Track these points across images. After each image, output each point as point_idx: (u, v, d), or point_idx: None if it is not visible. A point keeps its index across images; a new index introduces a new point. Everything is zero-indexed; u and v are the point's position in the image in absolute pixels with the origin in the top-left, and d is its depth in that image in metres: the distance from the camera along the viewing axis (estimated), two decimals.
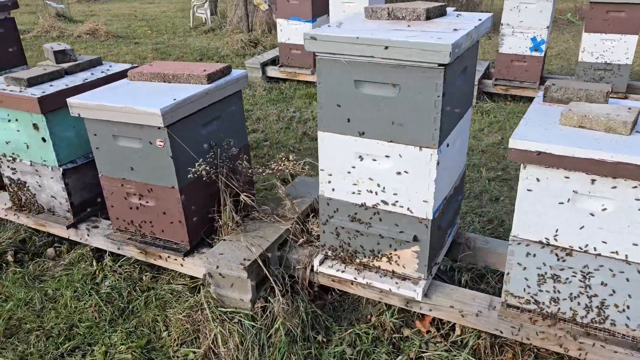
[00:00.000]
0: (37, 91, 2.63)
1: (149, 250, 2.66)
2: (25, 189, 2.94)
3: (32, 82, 2.70)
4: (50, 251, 3.04)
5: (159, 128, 2.32)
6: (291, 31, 6.19)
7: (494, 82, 5.64)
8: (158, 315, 2.53)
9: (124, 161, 2.51)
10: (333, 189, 2.27)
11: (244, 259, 2.36)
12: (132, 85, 2.60)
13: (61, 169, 2.76)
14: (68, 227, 2.87)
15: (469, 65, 2.18)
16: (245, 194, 2.56)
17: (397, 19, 2.19)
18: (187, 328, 2.41)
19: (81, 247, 3.02)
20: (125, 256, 2.81)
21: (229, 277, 2.37)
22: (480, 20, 2.14)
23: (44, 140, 2.70)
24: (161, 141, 2.35)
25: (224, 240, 2.53)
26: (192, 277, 2.72)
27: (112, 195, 2.65)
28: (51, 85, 2.71)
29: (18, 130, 2.76)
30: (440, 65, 1.83)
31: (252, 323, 2.32)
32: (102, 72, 2.94)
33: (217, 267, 2.37)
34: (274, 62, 6.69)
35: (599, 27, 5.05)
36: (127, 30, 10.39)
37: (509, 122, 5.03)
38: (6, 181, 2.99)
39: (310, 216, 2.76)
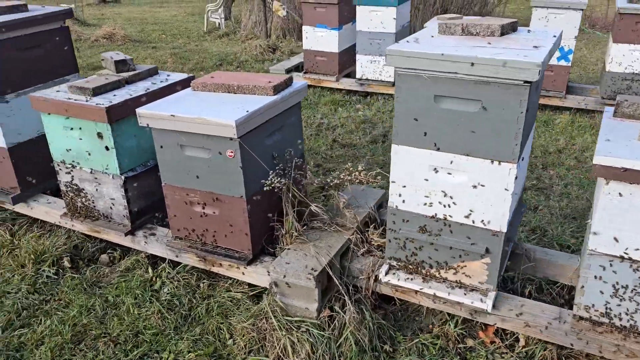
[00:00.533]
0: (103, 101, 2.66)
1: (210, 258, 2.69)
2: (82, 195, 2.97)
3: (97, 91, 2.73)
4: (104, 257, 3.07)
5: (231, 139, 2.35)
6: (317, 38, 6.23)
7: None
8: (221, 323, 2.56)
9: (189, 170, 2.54)
10: (404, 201, 2.30)
11: (312, 269, 2.40)
12: (197, 96, 2.63)
13: (123, 177, 2.78)
14: (126, 234, 2.90)
15: (541, 79, 2.22)
16: (314, 204, 2.60)
17: (471, 34, 2.23)
18: (253, 336, 2.44)
19: (135, 253, 3.04)
20: (181, 264, 2.84)
21: (296, 286, 2.40)
22: (554, 36, 2.18)
23: (107, 148, 2.73)
24: (232, 152, 2.38)
25: (289, 249, 2.56)
26: (250, 285, 2.75)
27: (174, 204, 2.68)
28: (115, 95, 2.74)
29: (80, 139, 2.79)
30: (526, 82, 1.87)
31: (321, 332, 2.35)
32: (162, 81, 2.97)
33: (285, 276, 2.40)
34: (297, 68, 6.73)
35: (627, 38, 5.10)
36: (141, 35, 10.42)
37: (537, 131, 5.06)
38: (63, 188, 3.02)
39: (371, 226, 2.79)
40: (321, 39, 6.23)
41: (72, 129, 2.79)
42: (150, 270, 2.91)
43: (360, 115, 5.48)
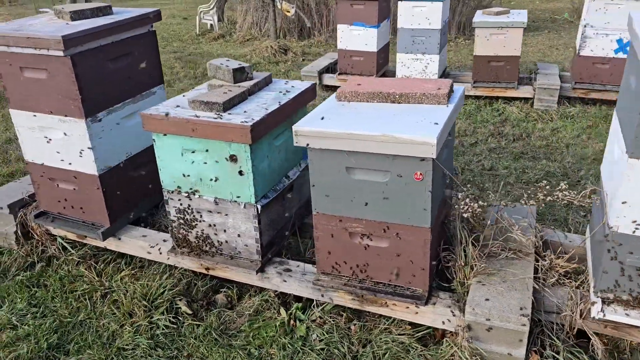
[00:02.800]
0: (240, 117, 2.24)
1: (369, 297, 2.31)
2: (198, 228, 2.53)
3: (227, 106, 2.31)
4: (222, 298, 2.64)
5: (423, 159, 1.97)
6: (353, 37, 5.87)
7: (573, 86, 5.46)
8: None
9: (354, 197, 2.15)
10: (637, 228, 1.97)
11: (521, 308, 2.05)
12: (352, 107, 2.25)
13: (258, 206, 2.37)
14: (257, 272, 2.48)
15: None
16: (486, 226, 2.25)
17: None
18: None
19: (258, 291, 2.62)
20: (314, 302, 2.45)
21: (500, 329, 2.05)
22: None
23: (241, 173, 2.30)
24: (421, 174, 2.01)
25: (475, 283, 2.20)
26: (412, 325, 2.37)
27: (327, 235, 2.28)
28: (246, 111, 2.32)
29: (205, 163, 2.35)
30: None
31: None
32: (287, 90, 2.56)
33: (489, 318, 2.04)
34: (327, 70, 6.35)
35: None
36: None
37: (604, 127, 4.83)
38: (172, 219, 2.57)
39: (548, 251, 2.46)
40: (358, 38, 5.86)
41: (194, 151, 2.35)
42: (282, 311, 2.50)
43: None
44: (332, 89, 6.14)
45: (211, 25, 10.59)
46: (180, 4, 15.02)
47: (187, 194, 2.48)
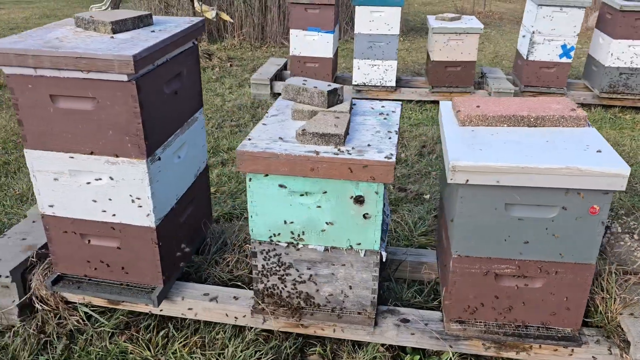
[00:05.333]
0: (370, 152, 1.88)
1: (509, 343, 2.08)
2: (293, 282, 2.12)
3: (345, 138, 1.94)
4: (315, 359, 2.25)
5: (606, 192, 1.79)
6: (307, 42, 5.56)
7: (522, 89, 5.66)
8: None
9: (510, 235, 1.91)
10: None
11: None
12: (487, 134, 1.99)
13: (382, 253, 2.02)
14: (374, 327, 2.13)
15: None
16: None
17: None
18: None
19: (353, 346, 2.27)
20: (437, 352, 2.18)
21: None
22: None
23: (365, 216, 1.94)
24: (597, 207, 1.82)
25: (630, 316, 2.06)
26: None
27: (465, 279, 2.01)
28: (369, 145, 1.96)
29: (319, 207, 1.96)
30: None
31: None
32: (382, 113, 2.23)
33: None
34: (276, 77, 5.97)
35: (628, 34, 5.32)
36: None
37: None
38: (260, 273, 2.12)
39: None
40: (313, 44, 5.57)
41: (303, 194, 1.95)
42: None
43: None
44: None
45: None
46: (51, 2, 13.50)
47: (287, 244, 2.05)
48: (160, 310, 2.30)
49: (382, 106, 2.31)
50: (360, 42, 5.48)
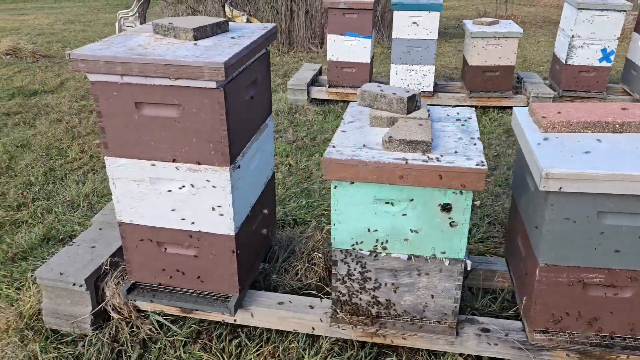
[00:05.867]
0: (459, 159, 1.85)
1: (595, 354, 2.03)
2: (374, 290, 2.09)
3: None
4: None
5: None
6: (345, 48, 5.55)
7: (561, 94, 5.60)
8: None
9: (601, 243, 1.87)
10: None
11: None
12: (572, 140, 1.96)
13: (467, 262, 1.99)
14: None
15: None
16: None
17: None
18: None
19: (429, 356, 2.24)
20: None
21: None
22: None
23: (452, 224, 1.91)
24: None
25: None
26: None
27: (550, 289, 1.98)
28: (456, 151, 1.93)
29: (404, 214, 1.93)
30: None
31: None
32: (458, 119, 2.20)
33: None
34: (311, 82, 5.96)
35: None
36: (42, 48, 8.58)
37: None
38: (340, 281, 2.10)
39: None
40: (350, 49, 5.55)
41: (389, 202, 1.92)
42: None
43: None
44: (321, 102, 5.75)
45: None
46: (74, 8, 13.65)
47: (369, 252, 2.02)
48: (235, 320, 2.28)
49: (457, 113, 2.28)
50: (397, 47, 5.45)
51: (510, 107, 5.56)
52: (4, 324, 2.37)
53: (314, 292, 2.46)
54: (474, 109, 2.34)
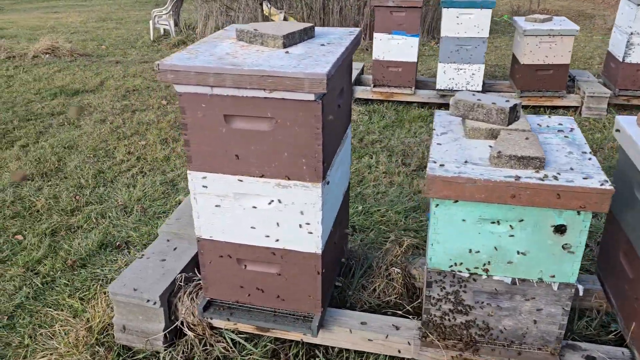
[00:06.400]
0: (577, 177, 1.70)
1: None
2: (471, 314, 1.96)
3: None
4: None
5: None
6: (391, 46, 5.39)
7: (617, 93, 5.39)
8: None
9: None
10: None
11: None
12: None
13: (578, 287, 1.84)
14: None
15: None
16: None
17: None
18: None
19: None
20: None
21: None
22: None
23: (564, 247, 1.77)
24: None
25: None
26: None
27: None
28: (572, 168, 1.78)
29: (511, 236, 1.79)
30: None
31: None
32: (561, 130, 2.05)
33: None
34: (355, 82, 5.82)
35: None
36: (78, 47, 8.56)
37: None
38: (433, 303, 1.97)
39: None
40: (396, 48, 5.39)
41: (495, 222, 1.78)
42: None
43: None
44: (366, 102, 5.61)
45: (165, 30, 9.62)
46: (105, 6, 13.67)
47: (469, 275, 1.89)
48: (320, 342, 2.17)
49: (560, 123, 2.12)
50: (446, 45, 5.29)
51: (562, 107, 5.38)
52: (74, 338, 2.29)
53: (393, 310, 2.33)
54: (572, 118, 2.19)
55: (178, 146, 4.58)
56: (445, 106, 5.44)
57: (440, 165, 1.78)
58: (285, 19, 7.73)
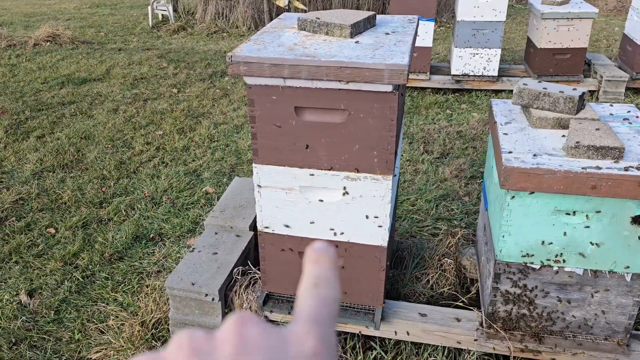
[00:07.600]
0: None
1: None
2: (538, 305, 1.95)
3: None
4: None
5: None
6: None
7: (635, 77, 5.39)
8: None
9: None
10: None
11: None
12: None
13: None
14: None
15: None
16: None
17: None
18: None
19: None
20: None
21: None
22: None
23: None
24: None
25: None
26: None
27: None
28: None
29: (587, 227, 1.78)
30: None
31: None
32: (625, 118, 2.03)
33: None
34: None
35: None
36: (77, 34, 8.39)
37: None
38: (498, 292, 1.96)
39: None
40: None
41: (569, 213, 1.76)
42: None
43: None
44: None
45: (163, 16, 9.47)
46: None
47: (540, 266, 1.87)
48: (381, 335, 2.16)
49: (628, 111, 2.10)
50: (462, 29, 5.24)
51: None
52: (128, 332, 2.26)
53: (447, 301, 2.32)
54: (634, 105, 2.17)
55: (195, 135, 4.52)
56: (459, 92, 5.42)
57: (515, 157, 1.76)
58: (289, 2, 7.62)
